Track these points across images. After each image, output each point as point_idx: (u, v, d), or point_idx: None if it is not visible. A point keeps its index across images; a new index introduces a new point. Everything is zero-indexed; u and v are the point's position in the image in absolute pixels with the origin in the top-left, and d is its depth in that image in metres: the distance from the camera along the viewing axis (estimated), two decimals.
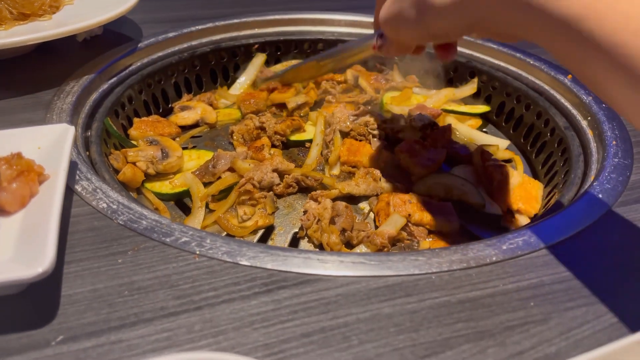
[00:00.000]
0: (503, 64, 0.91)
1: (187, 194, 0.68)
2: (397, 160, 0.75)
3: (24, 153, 0.48)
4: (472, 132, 0.83)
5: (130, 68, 0.83)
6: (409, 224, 0.61)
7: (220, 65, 0.97)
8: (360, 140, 0.77)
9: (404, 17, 0.47)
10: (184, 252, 0.46)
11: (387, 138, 0.79)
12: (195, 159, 0.74)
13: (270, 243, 0.62)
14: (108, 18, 0.76)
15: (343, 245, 0.59)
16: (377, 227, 0.63)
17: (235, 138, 0.78)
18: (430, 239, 0.61)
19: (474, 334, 0.40)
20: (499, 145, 0.79)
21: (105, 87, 0.77)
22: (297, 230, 0.63)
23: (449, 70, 0.96)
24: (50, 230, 0.40)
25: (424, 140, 0.79)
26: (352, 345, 0.38)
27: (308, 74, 0.78)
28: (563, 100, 0.80)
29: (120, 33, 0.90)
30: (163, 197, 0.68)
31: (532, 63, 0.87)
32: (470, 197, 0.67)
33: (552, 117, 0.78)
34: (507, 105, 0.88)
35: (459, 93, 0.91)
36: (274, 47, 1.00)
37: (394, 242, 0.60)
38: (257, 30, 0.99)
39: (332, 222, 0.60)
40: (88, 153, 0.64)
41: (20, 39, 0.68)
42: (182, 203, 0.68)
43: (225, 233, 0.62)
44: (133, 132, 0.77)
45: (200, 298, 0.42)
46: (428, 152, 0.75)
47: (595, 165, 0.64)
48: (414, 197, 0.64)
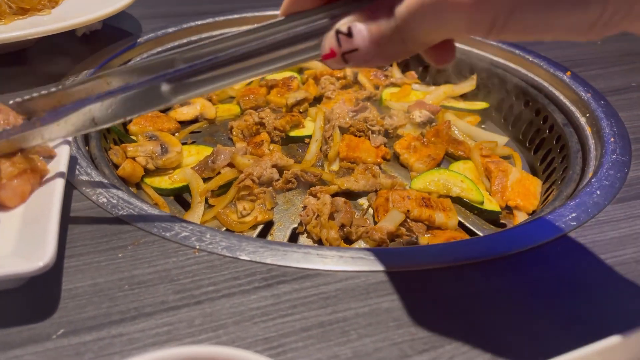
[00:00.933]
0: (502, 61, 0.91)
1: (186, 189, 0.68)
2: (396, 157, 0.76)
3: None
4: (471, 128, 0.84)
5: (130, 63, 0.83)
6: (408, 220, 0.62)
7: None
8: (360, 136, 0.77)
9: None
10: (184, 246, 0.46)
11: (386, 134, 0.79)
12: (195, 155, 0.74)
13: (270, 238, 0.62)
14: (108, 13, 0.75)
15: (342, 241, 0.60)
16: (376, 222, 0.63)
17: (235, 134, 0.78)
18: (429, 235, 0.61)
19: (476, 328, 0.40)
20: (498, 142, 0.79)
21: None
22: (296, 226, 0.63)
23: (448, 67, 0.96)
24: (51, 225, 0.40)
25: (423, 137, 0.79)
26: (350, 340, 0.39)
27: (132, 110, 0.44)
28: (562, 97, 0.80)
29: (120, 28, 0.89)
30: (162, 192, 0.68)
31: (531, 60, 0.87)
32: (469, 193, 0.67)
33: (550, 113, 0.79)
34: (506, 102, 0.88)
35: (458, 89, 0.91)
36: None
37: (393, 237, 0.60)
38: (256, 26, 0.99)
39: (331, 217, 0.60)
40: (88, 148, 0.64)
41: (20, 34, 0.68)
42: (181, 198, 0.68)
43: (225, 228, 0.62)
44: (132, 127, 0.77)
45: (201, 292, 0.42)
46: (427, 148, 0.75)
47: (594, 162, 0.64)
48: (413, 193, 0.64)
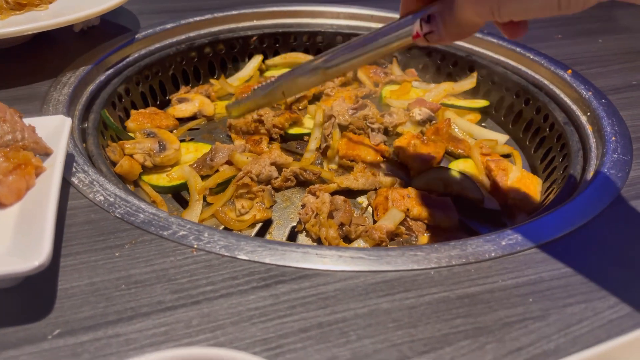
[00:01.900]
0: (503, 59, 0.90)
1: (184, 187, 0.67)
2: (395, 155, 0.75)
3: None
4: (471, 126, 0.83)
5: (128, 59, 0.82)
6: (408, 219, 0.61)
7: (218, 57, 0.96)
8: (359, 134, 0.76)
9: None
10: (182, 245, 0.46)
11: (386, 132, 0.79)
12: (193, 152, 0.73)
13: (268, 237, 0.62)
14: (105, 8, 0.75)
15: (341, 240, 0.59)
16: (375, 221, 0.62)
17: (234, 131, 0.78)
18: (428, 234, 0.61)
19: (473, 330, 0.40)
20: (498, 140, 0.79)
21: (102, 78, 0.76)
22: (295, 224, 0.63)
23: (449, 64, 0.95)
24: (47, 223, 0.40)
25: (423, 135, 0.78)
26: (350, 341, 0.38)
27: (304, 85, 0.61)
28: (563, 96, 0.79)
29: (118, 24, 0.89)
30: (160, 189, 0.68)
31: (532, 58, 0.86)
32: (469, 192, 0.67)
33: (551, 112, 0.78)
34: (506, 100, 0.87)
35: (458, 87, 0.91)
36: (273, 39, 0.99)
37: (393, 236, 0.60)
38: (255, 22, 0.99)
39: (330, 216, 0.60)
40: (85, 145, 0.64)
41: (17, 29, 0.67)
42: (179, 196, 0.68)
43: (223, 226, 0.61)
44: (130, 124, 0.76)
45: (198, 292, 0.41)
46: (427, 146, 0.74)
47: (595, 161, 0.64)
48: (413, 191, 0.64)
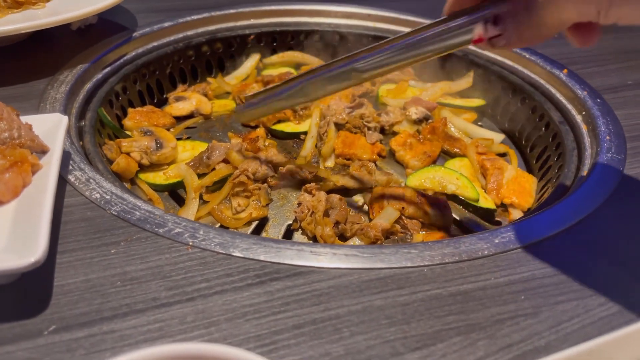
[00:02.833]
0: (499, 58, 0.91)
1: (181, 185, 0.68)
2: (391, 153, 0.75)
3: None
4: (467, 125, 0.83)
5: (125, 58, 0.83)
6: (403, 217, 0.62)
7: (216, 56, 0.96)
8: (356, 133, 0.76)
9: None
10: (177, 243, 0.46)
11: (382, 131, 0.79)
12: (190, 150, 0.74)
13: (264, 235, 0.62)
14: (103, 7, 0.75)
15: (337, 238, 0.60)
16: (370, 219, 0.63)
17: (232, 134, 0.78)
18: (424, 232, 0.61)
19: (465, 327, 0.40)
20: (494, 139, 0.79)
21: (100, 76, 0.77)
22: (290, 222, 0.63)
23: (445, 64, 0.95)
24: (43, 220, 0.40)
25: (419, 134, 0.79)
26: (343, 337, 0.39)
27: (332, 89, 0.53)
28: (558, 95, 0.80)
29: (115, 22, 0.89)
30: (157, 187, 0.68)
31: (527, 57, 0.87)
32: (464, 190, 0.67)
33: (546, 111, 0.79)
34: (502, 99, 0.88)
35: (455, 86, 0.91)
36: (270, 37, 0.99)
37: (388, 235, 0.60)
38: (253, 21, 0.99)
39: (325, 214, 0.60)
40: (82, 143, 0.64)
41: (14, 27, 0.67)
42: (176, 194, 0.68)
43: (219, 224, 0.62)
44: (127, 122, 0.76)
45: (193, 289, 0.42)
46: (423, 145, 0.75)
47: (589, 160, 0.64)
48: (408, 190, 0.64)
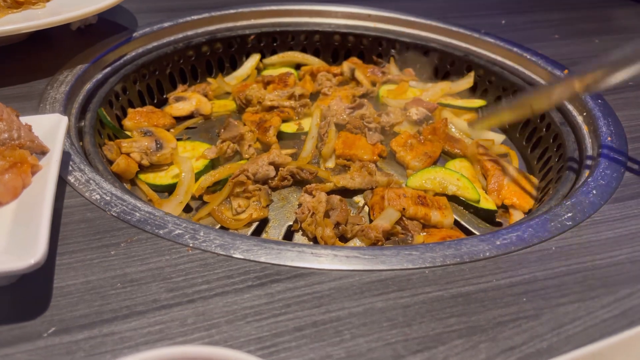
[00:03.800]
0: (500, 58, 0.91)
1: None
2: (392, 154, 0.75)
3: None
4: (468, 126, 0.83)
5: (125, 58, 0.82)
6: (404, 218, 0.61)
7: (216, 56, 0.96)
8: (356, 134, 0.76)
9: None
10: (177, 244, 0.46)
11: (383, 131, 0.79)
12: (190, 150, 0.73)
13: (265, 236, 0.62)
14: (103, 7, 0.75)
15: (337, 239, 0.59)
16: (371, 220, 0.63)
17: (247, 125, 0.78)
18: (424, 234, 0.61)
19: (467, 329, 0.40)
20: (495, 140, 0.79)
21: (100, 77, 0.76)
22: (291, 223, 0.63)
23: (446, 64, 0.95)
24: (43, 222, 0.40)
25: (420, 134, 0.79)
26: (344, 340, 0.38)
27: (556, 99, 0.61)
28: None
29: (115, 22, 0.89)
30: (157, 188, 0.68)
31: (529, 58, 0.86)
32: (465, 191, 0.67)
33: (547, 112, 0.78)
34: (503, 100, 0.87)
35: (455, 87, 0.91)
36: (271, 38, 0.99)
37: (388, 236, 0.60)
38: (253, 21, 0.99)
39: (326, 215, 0.60)
40: (82, 143, 0.64)
41: (14, 27, 0.67)
42: None
43: (220, 226, 0.61)
44: (127, 122, 0.76)
45: (193, 291, 0.42)
46: (423, 146, 0.75)
47: (590, 162, 0.64)
48: (409, 191, 0.64)
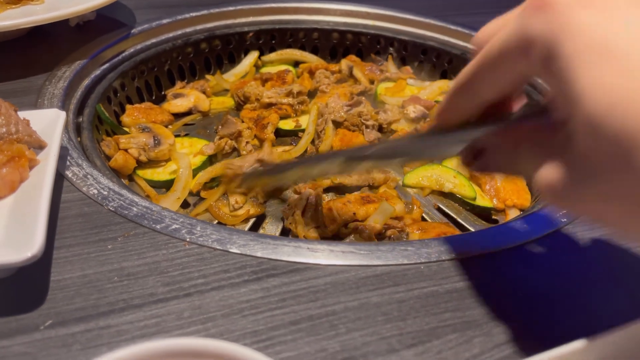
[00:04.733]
0: None
1: None
2: None
3: None
4: None
5: (124, 54, 0.83)
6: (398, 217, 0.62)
7: (214, 53, 0.96)
8: (354, 131, 0.77)
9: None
10: (174, 239, 0.46)
11: (380, 129, 0.79)
12: (188, 147, 0.74)
13: (261, 232, 0.62)
14: (102, 3, 0.75)
15: (319, 237, 0.59)
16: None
17: (245, 122, 0.78)
18: (419, 231, 0.61)
19: (461, 324, 0.40)
20: None
21: (98, 72, 0.77)
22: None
23: (444, 62, 0.96)
24: (40, 215, 0.40)
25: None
26: (339, 333, 0.39)
27: (313, 174, 0.57)
28: None
29: (114, 18, 0.89)
30: (155, 184, 0.68)
31: None
32: (462, 189, 0.67)
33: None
34: None
35: None
36: (269, 35, 0.99)
37: (382, 234, 0.60)
38: (252, 18, 0.99)
39: (316, 213, 0.60)
40: (80, 139, 0.64)
41: (13, 23, 0.67)
42: None
43: (217, 221, 0.62)
44: (125, 118, 0.76)
45: (190, 285, 0.42)
46: None
47: None
48: (351, 196, 0.64)
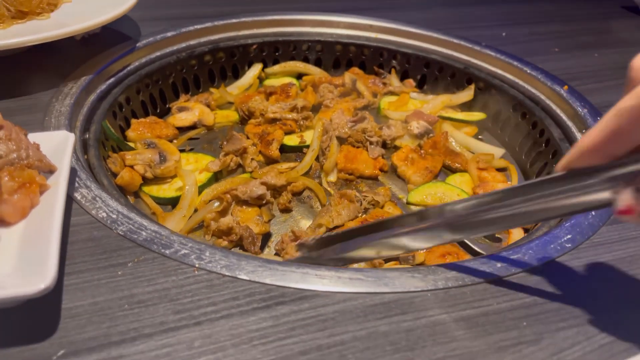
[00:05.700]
0: (500, 72, 0.91)
1: None
2: (393, 168, 0.76)
3: None
4: (468, 139, 0.84)
5: (129, 68, 0.83)
6: None
7: (218, 66, 0.96)
8: (358, 147, 0.77)
9: None
10: (184, 264, 0.46)
11: (384, 145, 0.80)
12: (193, 163, 0.74)
13: (267, 251, 0.63)
14: (108, 19, 0.75)
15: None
16: None
17: (250, 137, 0.78)
18: (424, 251, 0.62)
19: (468, 354, 0.41)
20: (494, 154, 0.80)
21: (104, 87, 0.77)
22: None
23: (446, 76, 0.96)
24: (52, 244, 0.40)
25: (421, 148, 0.79)
26: None
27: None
28: (559, 111, 0.81)
29: (119, 31, 0.89)
30: (161, 201, 0.68)
31: (528, 72, 0.87)
32: None
33: (547, 127, 0.79)
34: (503, 114, 0.88)
35: (456, 99, 0.92)
36: (272, 47, 1.00)
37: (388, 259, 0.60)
38: (255, 31, 0.99)
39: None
40: (86, 157, 0.64)
41: (20, 40, 0.67)
42: None
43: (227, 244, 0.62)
44: (131, 133, 0.77)
45: (200, 313, 0.42)
46: (424, 160, 0.75)
47: None
48: (350, 223, 0.64)
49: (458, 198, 0.70)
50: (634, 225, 0.56)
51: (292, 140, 0.79)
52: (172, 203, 0.69)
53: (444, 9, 1.15)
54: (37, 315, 0.41)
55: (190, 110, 0.85)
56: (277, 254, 0.61)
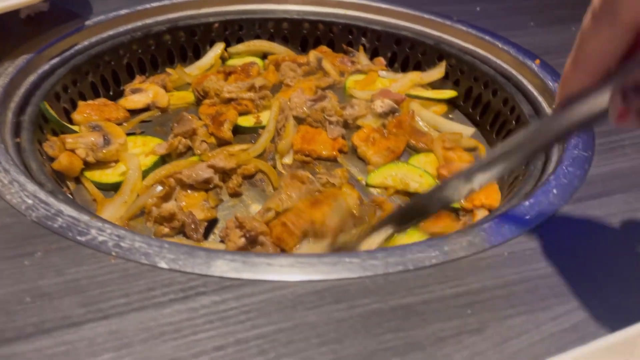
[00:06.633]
0: (472, 47, 0.87)
1: None
2: (354, 149, 0.72)
3: None
4: (436, 118, 0.80)
5: (76, 47, 0.78)
6: None
7: (178, 45, 0.92)
8: (317, 127, 0.73)
9: None
10: (99, 253, 0.42)
11: (345, 125, 0.75)
12: (141, 146, 0.70)
13: (212, 237, 0.59)
14: None
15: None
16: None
17: (202, 119, 0.74)
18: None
19: (403, 346, 0.37)
20: (463, 133, 0.76)
21: (46, 67, 0.72)
22: None
23: (417, 53, 0.92)
24: None
25: (385, 128, 0.75)
26: (268, 359, 0.35)
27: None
28: (530, 86, 0.76)
29: (68, 9, 0.84)
30: (103, 186, 0.64)
31: (500, 46, 0.83)
32: (428, 189, 0.64)
33: (517, 103, 0.75)
34: (474, 91, 0.84)
35: (426, 77, 0.87)
36: (236, 25, 0.95)
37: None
38: (217, 8, 0.94)
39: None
40: (18, 140, 0.60)
41: None
42: None
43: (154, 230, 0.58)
44: (76, 116, 0.73)
45: (109, 305, 0.38)
46: (387, 140, 0.71)
47: (555, 157, 0.61)
48: (300, 204, 0.59)
49: (420, 179, 0.66)
50: (598, 204, 0.52)
51: (247, 121, 0.75)
52: (115, 189, 0.64)
53: None
54: None
55: (144, 92, 0.80)
56: (222, 241, 0.58)
